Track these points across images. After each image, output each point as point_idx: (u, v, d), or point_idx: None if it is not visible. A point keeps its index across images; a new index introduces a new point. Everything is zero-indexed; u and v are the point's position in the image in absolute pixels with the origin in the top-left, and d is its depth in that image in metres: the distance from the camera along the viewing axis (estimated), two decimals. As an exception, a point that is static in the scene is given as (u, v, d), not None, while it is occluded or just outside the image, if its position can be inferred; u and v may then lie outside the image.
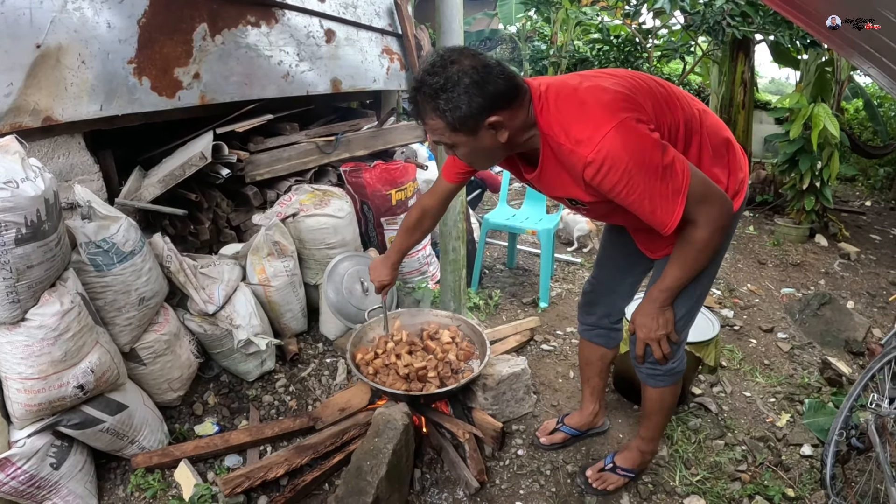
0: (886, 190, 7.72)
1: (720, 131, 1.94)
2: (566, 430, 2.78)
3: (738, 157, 1.97)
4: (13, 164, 1.99)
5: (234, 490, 2.31)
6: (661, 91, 1.81)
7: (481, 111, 1.60)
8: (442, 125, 1.65)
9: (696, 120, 1.86)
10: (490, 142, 1.69)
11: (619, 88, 1.68)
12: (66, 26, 2.66)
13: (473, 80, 1.57)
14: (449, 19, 3.04)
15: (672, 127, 1.80)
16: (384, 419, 2.39)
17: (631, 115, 1.62)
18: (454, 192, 2.34)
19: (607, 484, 2.50)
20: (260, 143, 3.75)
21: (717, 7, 6.34)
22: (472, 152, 1.75)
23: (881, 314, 4.28)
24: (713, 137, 1.90)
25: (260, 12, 3.49)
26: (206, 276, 2.99)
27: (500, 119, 1.63)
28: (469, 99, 1.58)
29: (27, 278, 2.04)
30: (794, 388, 3.26)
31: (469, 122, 1.62)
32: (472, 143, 1.69)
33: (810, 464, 2.72)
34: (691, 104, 1.88)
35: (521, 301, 4.22)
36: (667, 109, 1.79)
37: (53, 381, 2.14)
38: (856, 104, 8.79)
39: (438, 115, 1.63)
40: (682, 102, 1.85)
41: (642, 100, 1.71)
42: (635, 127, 1.61)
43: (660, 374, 2.23)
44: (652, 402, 2.37)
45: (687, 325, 2.16)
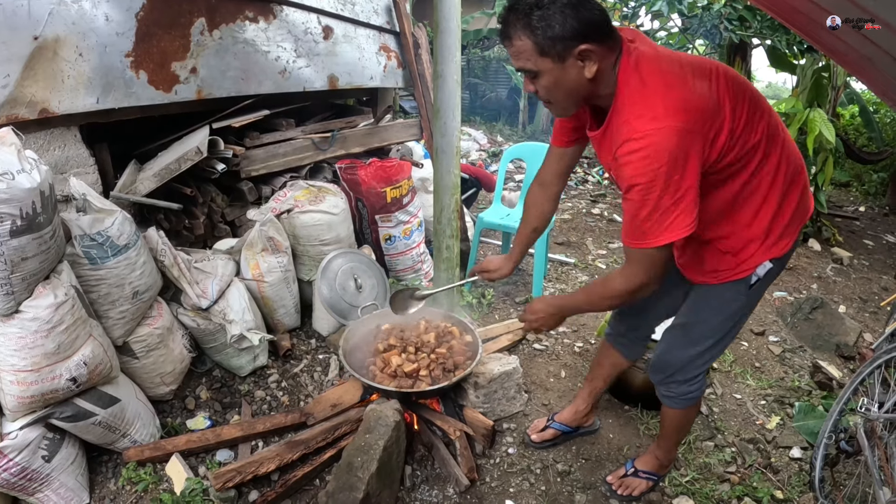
0: (880, 196, 7.75)
1: (796, 157, 1.87)
2: (557, 426, 2.80)
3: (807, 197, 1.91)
4: (9, 155, 1.99)
5: (226, 484, 2.32)
6: (753, 98, 1.73)
7: (574, 35, 1.53)
8: (530, 46, 1.57)
9: (779, 135, 1.80)
10: (576, 75, 1.60)
11: (707, 100, 1.60)
12: (64, 19, 2.66)
13: (570, 2, 1.52)
14: (447, 18, 3.04)
15: (759, 132, 1.72)
16: (375, 416, 2.40)
17: (698, 133, 1.56)
18: (568, 159, 2.17)
19: (632, 489, 2.50)
20: (256, 139, 3.75)
21: (715, 11, 6.36)
22: (555, 84, 1.64)
23: (872, 319, 4.30)
24: (790, 159, 1.84)
25: (258, 8, 3.49)
26: (200, 271, 2.99)
27: (591, 49, 1.56)
28: (563, 19, 1.51)
29: (21, 270, 2.04)
30: (785, 391, 3.28)
31: (559, 45, 1.54)
32: (557, 71, 1.60)
33: (799, 466, 2.74)
34: (773, 114, 1.80)
35: (514, 300, 4.23)
36: (756, 116, 1.71)
37: (46, 374, 2.14)
38: (851, 110, 8.81)
39: (529, 32, 1.55)
40: (767, 111, 1.77)
41: (729, 111, 1.63)
42: (692, 145, 1.55)
43: (673, 395, 2.24)
44: (668, 421, 2.40)
45: (712, 354, 2.14)
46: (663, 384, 2.25)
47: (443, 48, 3.11)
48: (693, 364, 2.14)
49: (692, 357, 2.13)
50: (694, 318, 2.11)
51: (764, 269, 1.89)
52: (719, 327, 2.05)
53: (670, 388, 2.23)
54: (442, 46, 3.10)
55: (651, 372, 2.30)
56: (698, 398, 2.25)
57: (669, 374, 2.20)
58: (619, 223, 6.18)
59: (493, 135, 10.41)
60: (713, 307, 2.04)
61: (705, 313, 2.06)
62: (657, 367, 2.26)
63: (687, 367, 2.15)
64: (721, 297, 2.00)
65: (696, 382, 2.19)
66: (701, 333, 2.09)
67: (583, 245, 5.50)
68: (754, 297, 2.01)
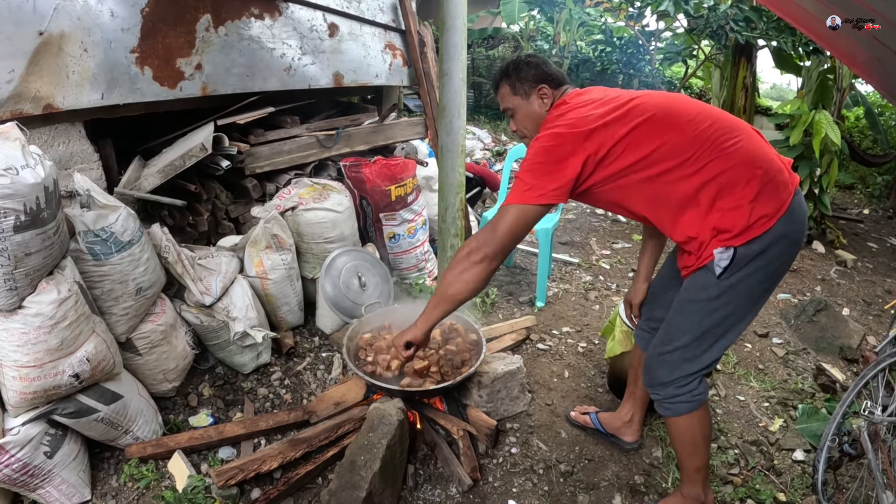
0: (884, 198, 7.73)
1: (753, 163, 1.95)
2: (594, 419, 2.85)
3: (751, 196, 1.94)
4: (13, 150, 1.99)
5: (228, 482, 2.32)
6: (666, 117, 2.00)
7: (535, 80, 2.24)
8: (508, 89, 2.29)
9: (726, 143, 1.95)
10: (537, 108, 2.24)
11: (595, 120, 2.01)
12: (69, 14, 2.66)
13: (534, 63, 2.28)
14: (453, 16, 3.04)
15: (670, 145, 1.97)
16: (379, 414, 2.40)
17: (576, 133, 2.00)
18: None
19: None
20: (260, 136, 3.75)
21: (721, 12, 6.35)
22: (525, 116, 2.28)
23: (876, 322, 4.29)
24: (742, 163, 1.94)
25: (264, 4, 3.48)
26: (203, 268, 2.99)
27: (546, 91, 2.23)
28: (528, 71, 2.25)
29: (25, 266, 2.03)
30: (788, 394, 3.27)
31: (526, 85, 2.25)
32: (525, 106, 2.27)
33: (802, 469, 2.73)
34: (717, 133, 1.97)
35: (518, 300, 4.23)
36: (664, 131, 1.98)
37: (49, 370, 2.14)
38: (856, 112, 8.79)
39: (507, 80, 2.29)
40: (696, 127, 1.97)
41: (614, 124, 2.00)
42: (566, 136, 2.01)
43: (660, 398, 2.19)
44: (672, 436, 2.32)
45: (693, 353, 2.09)
46: (651, 388, 2.23)
47: (449, 46, 3.10)
48: (673, 362, 2.12)
49: (671, 353, 2.12)
50: (672, 311, 2.15)
51: (724, 255, 1.92)
52: (695, 322, 2.06)
53: (657, 391, 2.20)
54: (448, 44, 3.10)
55: (643, 376, 2.30)
56: (693, 406, 2.14)
57: (654, 373, 2.19)
58: (623, 223, 6.18)
59: (497, 134, 10.39)
60: (685, 299, 2.09)
61: (681, 305, 2.11)
62: (645, 368, 2.27)
63: (668, 365, 2.13)
64: (692, 287, 2.07)
65: (682, 386, 2.12)
66: (678, 327, 2.10)
67: (587, 245, 5.50)
68: (731, 293, 1.98)
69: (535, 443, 2.81)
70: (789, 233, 1.95)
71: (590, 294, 4.41)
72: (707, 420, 2.22)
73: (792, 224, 1.95)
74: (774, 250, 1.94)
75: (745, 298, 2.01)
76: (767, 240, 1.92)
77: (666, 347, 2.14)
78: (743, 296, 2.00)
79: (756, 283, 1.98)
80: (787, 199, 1.94)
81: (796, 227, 1.97)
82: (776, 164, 1.98)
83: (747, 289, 1.99)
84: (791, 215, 1.94)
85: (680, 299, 2.12)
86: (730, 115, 2.08)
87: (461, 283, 2.11)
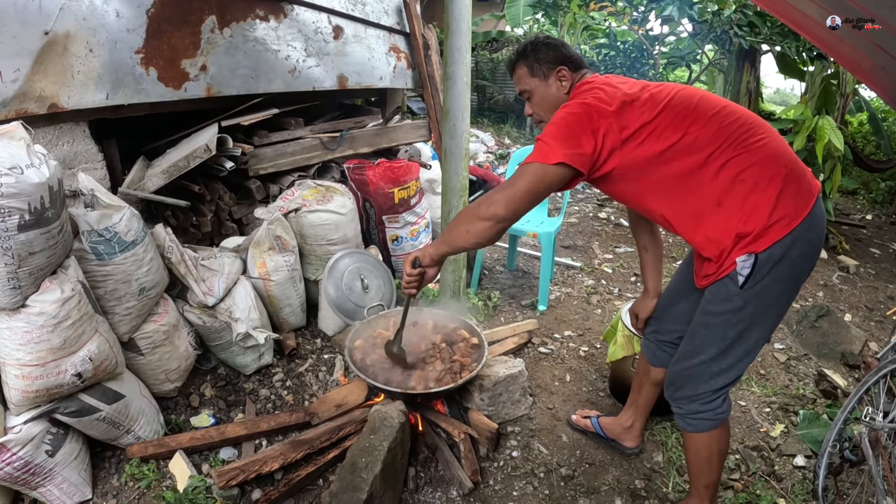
0: (887, 204, 7.71)
1: (777, 160, 1.90)
2: (595, 423, 2.84)
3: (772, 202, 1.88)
4: (18, 150, 2.00)
5: (229, 483, 2.32)
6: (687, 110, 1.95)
7: (554, 62, 2.15)
8: (525, 70, 2.20)
9: (749, 143, 1.90)
10: (555, 91, 2.17)
11: (622, 97, 1.97)
12: (74, 14, 2.67)
13: (552, 44, 2.20)
14: (457, 19, 3.05)
15: (692, 137, 1.92)
16: (380, 416, 2.40)
17: (602, 108, 1.94)
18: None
19: None
20: (265, 137, 3.76)
21: (725, 16, 6.35)
22: (542, 99, 2.20)
23: (878, 328, 4.28)
24: (765, 164, 1.89)
25: (269, 6, 3.50)
26: (206, 269, 3.00)
27: (565, 73, 2.14)
28: (546, 52, 2.17)
29: (29, 265, 2.04)
30: (789, 399, 3.27)
31: (544, 67, 2.17)
32: (542, 88, 2.19)
33: (803, 474, 2.73)
34: (742, 128, 1.93)
35: (520, 303, 4.23)
36: (688, 122, 1.93)
37: (52, 369, 2.15)
38: (860, 118, 8.79)
39: (524, 61, 2.20)
40: (721, 122, 1.93)
41: (641, 111, 1.95)
42: (593, 109, 1.94)
43: (682, 413, 2.16)
44: (687, 451, 2.27)
45: (720, 367, 2.04)
46: (674, 400, 2.18)
47: (453, 50, 3.11)
48: (699, 377, 2.07)
49: (696, 367, 2.07)
50: (696, 324, 2.09)
51: (746, 264, 1.86)
52: (720, 334, 2.00)
53: (680, 404, 2.16)
54: (452, 48, 3.11)
55: (664, 388, 2.25)
56: (714, 424, 2.11)
57: (678, 386, 2.15)
58: (625, 227, 6.18)
59: (500, 137, 10.40)
60: (709, 311, 2.02)
61: (705, 317, 2.04)
62: (668, 380, 2.21)
63: (694, 379, 2.09)
64: (715, 298, 1.99)
65: (707, 402, 2.08)
66: (703, 340, 2.05)
67: (589, 249, 5.49)
68: (756, 302, 1.93)
69: (536, 446, 2.81)
70: (811, 237, 1.89)
71: (592, 298, 4.41)
72: (726, 438, 2.18)
73: (813, 229, 1.89)
74: (796, 254, 1.87)
75: (770, 307, 1.96)
76: (789, 243, 1.85)
77: (691, 361, 2.08)
78: (767, 304, 1.94)
79: (781, 290, 1.93)
80: (809, 202, 1.88)
81: (817, 233, 1.92)
82: (800, 165, 1.93)
83: (772, 297, 1.93)
84: (813, 219, 1.88)
85: (703, 311, 2.05)
86: (754, 114, 2.03)
87: (464, 236, 2.05)
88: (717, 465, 2.20)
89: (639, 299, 2.59)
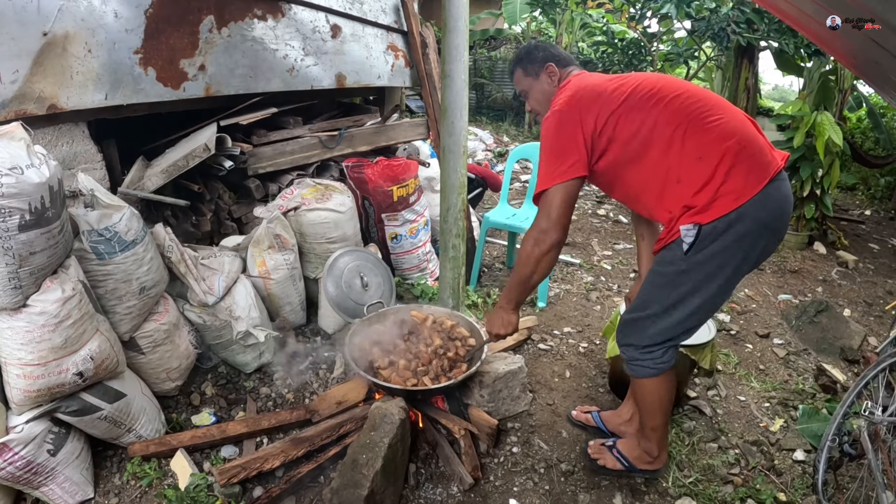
0: (886, 200, 7.72)
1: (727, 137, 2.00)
2: (596, 418, 2.89)
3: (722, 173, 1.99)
4: (18, 150, 2.00)
5: (230, 480, 2.33)
6: (645, 94, 2.13)
7: (543, 60, 2.44)
8: (521, 72, 2.51)
9: (695, 122, 2.04)
10: (546, 86, 2.45)
11: (590, 92, 2.20)
12: (73, 14, 2.67)
13: (542, 47, 2.50)
14: (455, 17, 3.04)
15: (648, 122, 2.09)
16: (381, 413, 2.41)
17: (573, 108, 2.17)
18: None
19: (601, 458, 2.61)
20: (263, 137, 3.76)
21: (723, 14, 6.36)
22: (536, 94, 2.49)
23: (877, 323, 4.29)
24: (715, 143, 2.00)
25: (267, 6, 3.50)
26: (206, 267, 3.00)
27: (553, 69, 2.42)
28: (537, 53, 2.46)
29: (29, 264, 2.05)
30: (789, 394, 3.28)
31: (536, 66, 2.45)
32: (536, 85, 2.47)
33: (802, 469, 2.74)
34: (700, 109, 2.06)
35: (520, 300, 4.23)
36: (650, 106, 2.10)
37: (53, 368, 2.16)
38: (858, 114, 8.79)
39: (520, 64, 2.51)
40: (671, 103, 2.08)
41: (612, 103, 2.14)
42: (566, 112, 2.18)
43: (626, 358, 2.34)
44: (636, 395, 2.45)
45: (662, 324, 2.20)
46: (621, 346, 2.37)
47: (451, 48, 3.11)
48: (644, 329, 2.23)
49: (642, 320, 2.24)
50: (646, 281, 2.26)
51: (690, 232, 1.99)
52: (663, 294, 2.16)
53: (626, 351, 2.34)
54: (450, 46, 3.10)
55: (616, 334, 2.42)
56: (655, 373, 2.27)
57: (626, 334, 2.33)
58: (624, 224, 6.19)
59: (499, 135, 10.41)
60: (657, 271, 2.19)
61: (652, 276, 2.22)
62: (618, 327, 2.39)
63: (640, 331, 2.25)
64: (661, 261, 2.16)
65: (650, 352, 2.25)
66: (647, 297, 2.22)
67: (588, 246, 5.50)
68: (698, 269, 2.05)
69: (537, 442, 2.82)
70: (762, 217, 1.97)
71: (591, 294, 4.41)
72: (668, 387, 2.35)
73: (765, 209, 1.97)
74: (742, 230, 1.97)
75: (713, 276, 2.07)
76: (734, 217, 1.96)
77: (638, 314, 2.25)
78: (709, 274, 2.06)
79: (724, 261, 2.03)
80: (763, 180, 1.96)
81: (772, 214, 2.00)
82: (756, 143, 2.02)
83: (715, 267, 2.05)
84: (765, 199, 1.96)
85: (652, 270, 2.22)
86: (720, 98, 2.16)
87: (540, 272, 2.27)
88: (660, 411, 2.40)
89: (633, 285, 2.78)
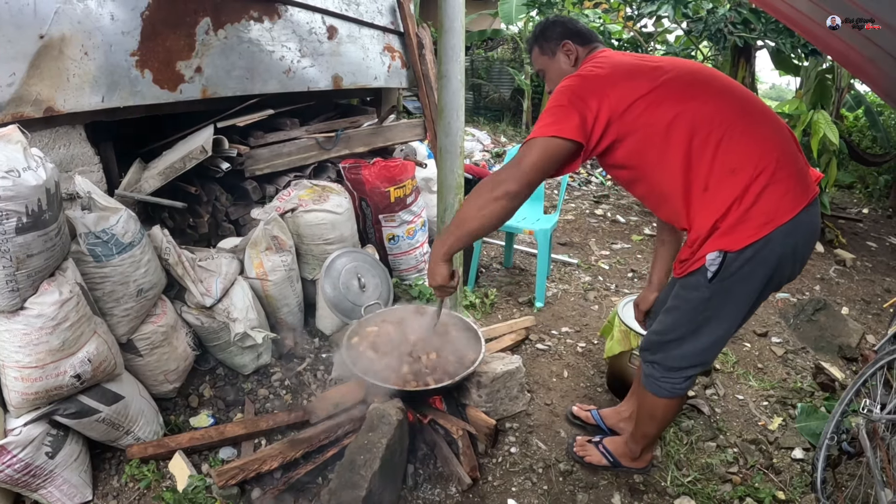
0: (884, 198, 7.73)
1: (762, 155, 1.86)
2: (595, 415, 2.89)
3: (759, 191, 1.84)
4: (15, 153, 2.00)
5: (229, 482, 2.33)
6: (687, 79, 1.97)
7: (559, 37, 2.27)
8: (538, 50, 2.36)
9: (737, 128, 1.88)
10: (564, 64, 2.27)
11: (619, 67, 2.03)
12: (69, 17, 2.67)
13: (559, 22, 2.32)
14: (451, 18, 3.05)
15: (686, 115, 1.90)
16: (378, 414, 2.41)
17: (596, 78, 2.00)
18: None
19: (586, 454, 2.65)
20: (260, 138, 3.75)
21: (720, 14, 6.36)
22: (552, 73, 2.32)
23: (875, 321, 4.30)
24: (754, 156, 1.85)
25: (263, 7, 3.50)
26: (204, 269, 3.00)
27: (570, 47, 2.26)
28: (553, 29, 2.30)
29: (27, 267, 2.05)
30: (787, 393, 3.28)
31: (552, 44, 2.29)
32: (552, 64, 2.31)
33: (801, 467, 2.74)
34: (743, 113, 1.92)
35: (517, 300, 4.24)
36: (687, 99, 1.93)
37: (51, 370, 2.15)
38: (856, 112, 8.80)
39: (535, 42, 2.36)
40: (710, 102, 1.92)
41: (628, 79, 1.98)
42: (588, 79, 2.00)
43: (648, 375, 2.27)
44: (642, 405, 2.41)
45: (686, 349, 2.12)
46: (646, 362, 2.29)
47: (447, 48, 3.11)
48: (669, 351, 2.17)
49: (668, 343, 2.16)
50: (670, 304, 2.15)
51: (715, 261, 1.87)
52: (685, 320, 2.08)
53: (649, 367, 2.27)
54: (446, 46, 3.11)
55: (640, 347, 2.36)
56: (669, 395, 2.24)
57: (653, 352, 2.24)
58: (622, 224, 6.19)
59: (496, 135, 10.41)
60: (681, 296, 2.08)
61: (676, 301, 2.10)
62: (643, 344, 2.31)
63: (665, 352, 2.18)
64: (684, 287, 2.04)
65: (667, 375, 2.21)
66: (670, 322, 2.13)
67: (586, 246, 5.51)
68: (723, 296, 1.95)
69: (535, 442, 2.82)
70: (790, 244, 1.86)
71: (589, 294, 4.42)
72: (674, 411, 2.34)
73: (794, 237, 1.86)
74: (769, 256, 1.86)
75: (737, 304, 1.99)
76: (762, 245, 1.84)
77: (664, 336, 2.18)
78: (735, 301, 1.98)
79: (750, 289, 1.95)
80: (796, 206, 1.84)
81: (801, 241, 1.90)
82: (796, 164, 1.89)
83: (740, 295, 1.96)
84: (796, 227, 1.84)
85: (675, 295, 2.11)
86: (767, 106, 2.01)
87: (478, 220, 2.01)
88: (657, 426, 2.41)
89: (643, 291, 2.66)
